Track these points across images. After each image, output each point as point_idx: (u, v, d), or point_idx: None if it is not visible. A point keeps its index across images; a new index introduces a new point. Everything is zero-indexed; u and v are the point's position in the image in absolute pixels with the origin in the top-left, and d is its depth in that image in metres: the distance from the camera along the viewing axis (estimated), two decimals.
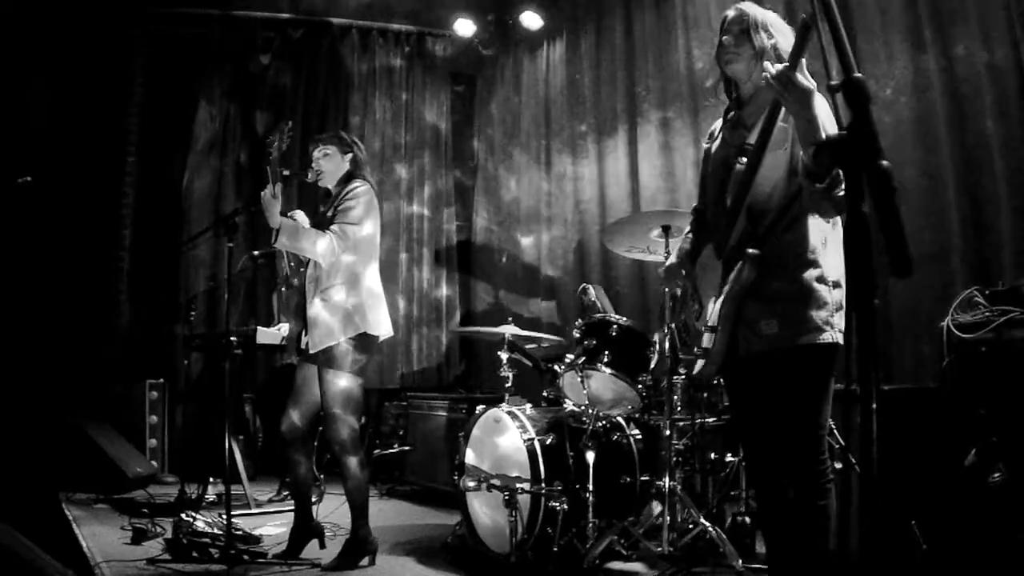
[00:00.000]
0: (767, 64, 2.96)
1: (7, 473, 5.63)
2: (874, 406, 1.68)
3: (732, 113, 3.53)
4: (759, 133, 3.15)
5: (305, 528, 4.98)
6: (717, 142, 3.61)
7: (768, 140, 3.11)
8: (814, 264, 3.23)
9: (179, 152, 8.96)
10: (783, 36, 3.33)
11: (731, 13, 3.42)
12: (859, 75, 1.78)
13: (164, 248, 8.71)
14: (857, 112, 1.76)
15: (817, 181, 2.89)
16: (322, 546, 5.00)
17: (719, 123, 3.67)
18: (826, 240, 3.27)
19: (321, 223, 4.87)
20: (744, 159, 3.27)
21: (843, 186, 1.75)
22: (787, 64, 2.88)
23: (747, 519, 4.96)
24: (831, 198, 2.88)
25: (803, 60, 2.87)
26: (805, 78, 2.86)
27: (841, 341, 3.21)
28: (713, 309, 3.37)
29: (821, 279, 3.22)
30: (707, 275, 3.49)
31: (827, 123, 2.96)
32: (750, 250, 3.19)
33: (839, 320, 3.23)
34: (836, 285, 3.24)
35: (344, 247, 4.75)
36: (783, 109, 3.02)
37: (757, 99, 3.41)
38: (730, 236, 3.28)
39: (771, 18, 3.39)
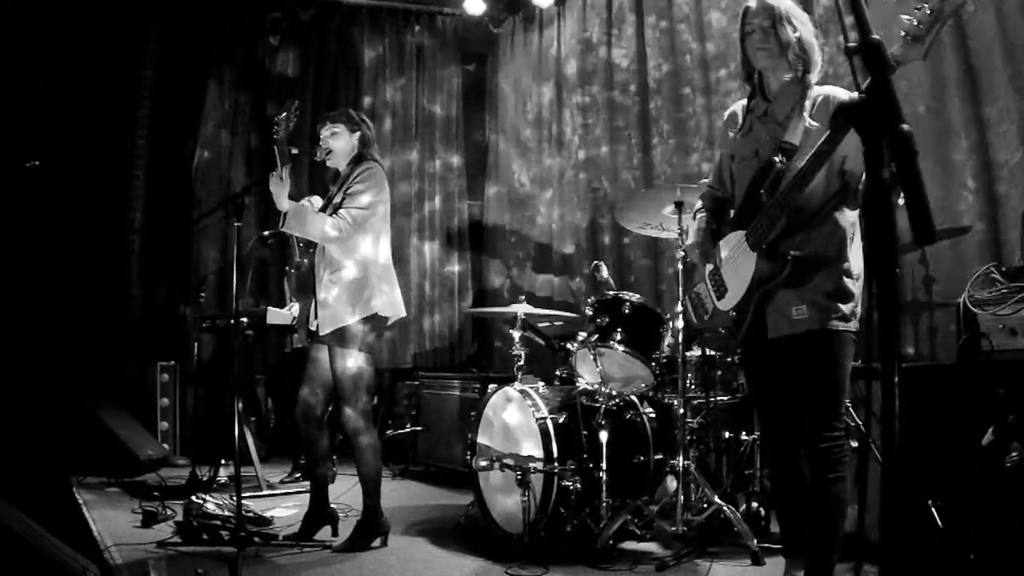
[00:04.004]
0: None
1: (19, 457, 5.62)
2: (896, 379, 1.64)
3: (755, 100, 3.57)
4: (817, 154, 3.12)
5: (320, 513, 4.95)
6: (742, 129, 3.62)
7: (826, 160, 3.13)
8: (843, 259, 3.36)
9: (189, 134, 8.96)
10: (804, 26, 3.40)
11: (753, 4, 3.44)
12: (877, 37, 1.73)
13: (174, 230, 8.70)
14: (875, 75, 1.71)
15: None
16: (335, 533, 4.96)
17: (740, 107, 3.67)
18: (853, 235, 3.38)
19: (331, 204, 4.83)
20: (784, 159, 3.32)
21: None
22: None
23: (761, 498, 4.93)
24: None
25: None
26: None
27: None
28: (743, 294, 3.46)
29: (848, 273, 3.36)
30: (735, 259, 3.54)
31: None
32: (793, 252, 3.29)
33: (860, 312, 3.37)
34: (859, 278, 3.38)
35: (353, 232, 4.71)
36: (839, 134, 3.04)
37: (786, 93, 3.46)
38: (768, 231, 3.32)
39: (791, 8, 3.41)
